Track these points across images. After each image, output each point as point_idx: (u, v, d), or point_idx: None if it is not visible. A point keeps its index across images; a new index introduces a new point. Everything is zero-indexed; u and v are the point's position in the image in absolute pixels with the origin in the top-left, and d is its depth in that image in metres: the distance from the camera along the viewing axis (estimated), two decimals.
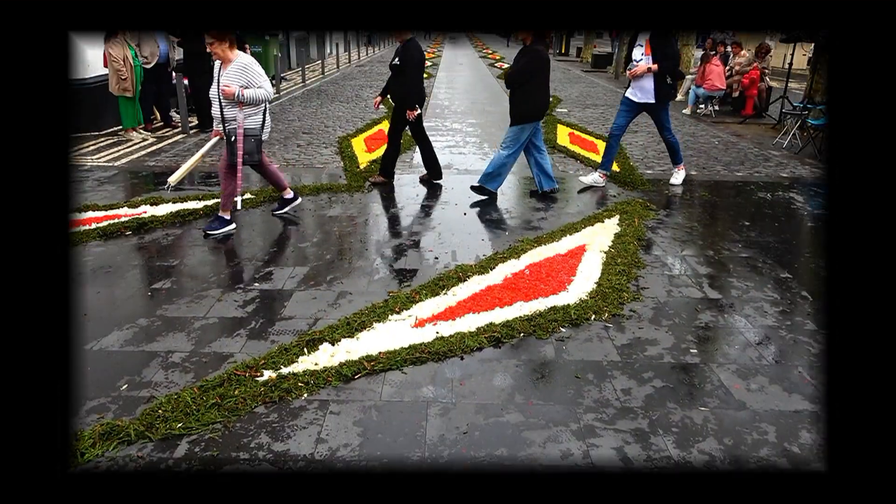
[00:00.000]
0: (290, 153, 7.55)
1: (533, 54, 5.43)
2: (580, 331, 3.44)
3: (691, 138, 9.09)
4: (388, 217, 5.25)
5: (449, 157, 7.51)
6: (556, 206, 5.66)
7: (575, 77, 18.70)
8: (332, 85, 14.95)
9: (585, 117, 10.85)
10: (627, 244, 4.61)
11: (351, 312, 3.55)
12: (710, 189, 6.40)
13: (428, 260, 4.36)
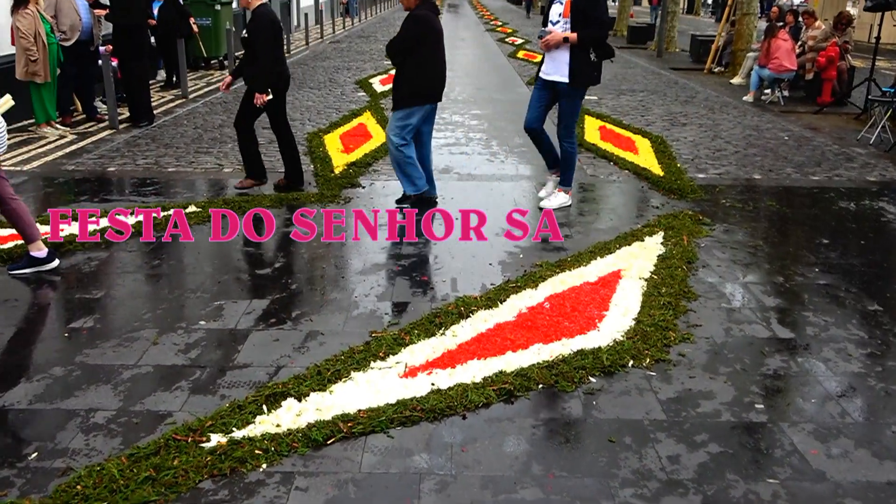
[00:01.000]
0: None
1: (414, 20, 5.47)
2: (615, 381, 3.46)
3: (754, 133, 9.19)
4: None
5: (447, 159, 7.58)
6: (584, 221, 5.71)
7: None
8: (300, 67, 15.13)
9: (620, 106, 10.98)
10: (674, 269, 4.65)
11: (323, 359, 3.57)
12: (779, 197, 6.46)
13: (421, 290, 4.39)
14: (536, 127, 5.85)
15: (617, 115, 10.13)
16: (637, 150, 7.98)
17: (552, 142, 6.03)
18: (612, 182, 6.85)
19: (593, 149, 7.97)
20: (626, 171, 7.16)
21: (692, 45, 18.24)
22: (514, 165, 7.39)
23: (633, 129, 9.08)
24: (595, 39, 5.42)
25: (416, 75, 5.53)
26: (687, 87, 13.26)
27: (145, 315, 4.03)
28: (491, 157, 7.71)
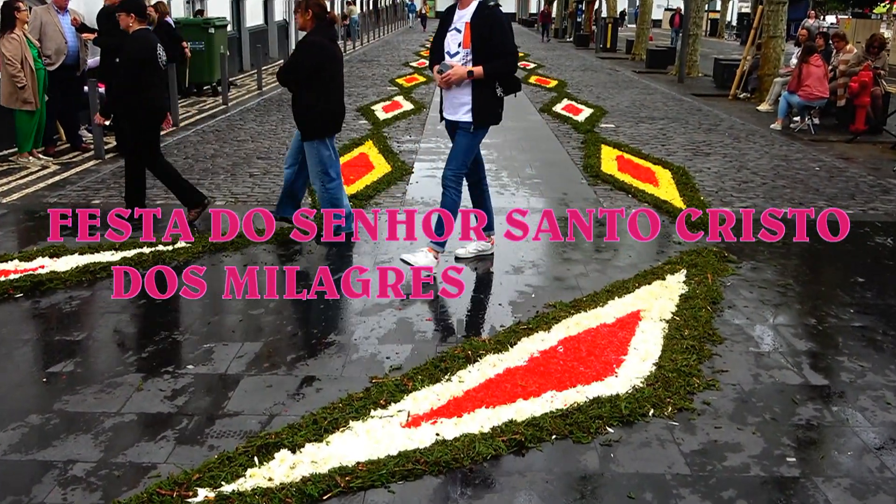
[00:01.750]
0: (239, 185, 7.71)
1: (308, 47, 5.56)
2: (634, 432, 3.45)
3: (783, 163, 9.25)
4: (372, 273, 5.32)
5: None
6: (600, 258, 5.74)
7: (624, 80, 19.16)
8: None
9: (639, 135, 11.08)
10: (698, 310, 4.65)
11: (319, 407, 3.58)
12: (811, 232, 6.49)
13: (425, 333, 4.40)
14: (473, 178, 5.48)
15: (636, 144, 10.22)
16: (657, 181, 8.03)
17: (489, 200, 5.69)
18: (630, 216, 6.88)
19: (610, 180, 8.03)
20: (646, 204, 7.21)
21: (716, 70, 18.45)
22: (526, 198, 7.45)
23: (652, 159, 9.15)
24: (502, 73, 4.99)
25: (311, 108, 5.62)
26: (710, 114, 13.39)
27: (129, 358, 4.06)
28: (501, 189, 7.78)
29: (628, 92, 16.54)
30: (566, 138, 10.72)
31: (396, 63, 22.79)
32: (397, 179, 7.98)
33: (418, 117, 12.45)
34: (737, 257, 5.75)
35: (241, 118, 11.97)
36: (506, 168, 8.75)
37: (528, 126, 11.92)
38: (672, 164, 8.86)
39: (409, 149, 9.78)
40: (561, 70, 21.63)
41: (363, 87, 16.57)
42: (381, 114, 12.52)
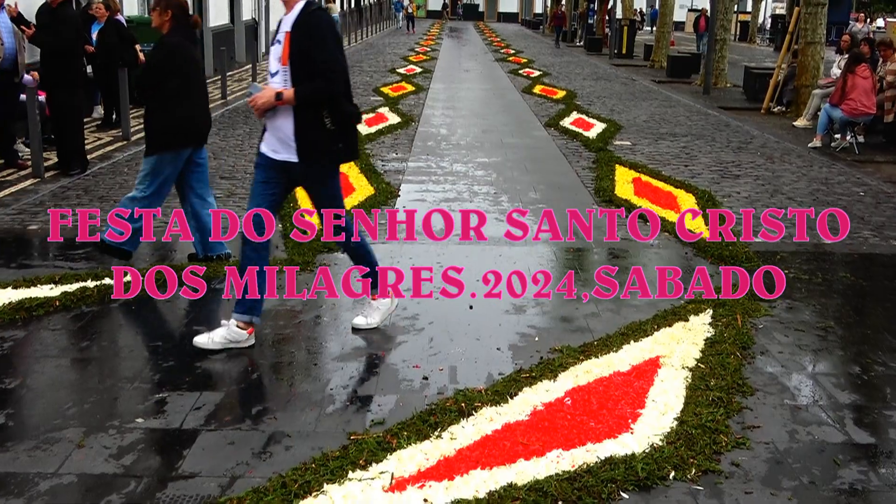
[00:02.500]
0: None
1: (167, 50, 5.68)
2: (652, 498, 3.45)
3: (823, 187, 9.36)
4: (351, 311, 5.34)
5: (447, 216, 7.70)
6: (614, 295, 5.78)
7: (642, 91, 19.39)
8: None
9: (658, 154, 11.20)
10: (726, 357, 4.69)
11: (289, 468, 3.58)
12: (854, 267, 6.55)
13: (412, 382, 4.42)
14: (259, 223, 4.69)
15: (655, 165, 10.33)
16: (679, 207, 8.11)
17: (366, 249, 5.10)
18: (648, 247, 6.94)
19: (625, 205, 8.11)
20: (666, 234, 7.27)
21: (746, 80, 18.69)
22: (530, 226, 7.50)
23: (674, 181, 9.25)
24: (321, 97, 4.41)
25: (164, 117, 5.71)
26: (740, 130, 13.54)
27: (69, 410, 4.05)
28: (500, 215, 7.83)
29: (646, 104, 16.73)
30: (575, 157, 10.82)
31: (381, 69, 23.01)
32: (381, 204, 8.03)
33: (406, 132, 12.56)
34: (770, 295, 5.80)
35: None
36: (506, 192, 8.82)
37: (533, 143, 12.03)
38: (696, 187, 8.95)
39: (395, 168, 9.86)
40: (570, 79, 21.88)
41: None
42: (364, 128, 12.61)
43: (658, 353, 4.71)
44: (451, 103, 16.40)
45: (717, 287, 5.88)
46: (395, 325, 5.14)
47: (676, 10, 32.97)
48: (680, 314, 5.32)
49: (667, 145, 11.88)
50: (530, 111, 15.37)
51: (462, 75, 22.81)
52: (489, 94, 18.24)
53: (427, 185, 9.01)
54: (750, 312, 5.42)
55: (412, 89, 18.18)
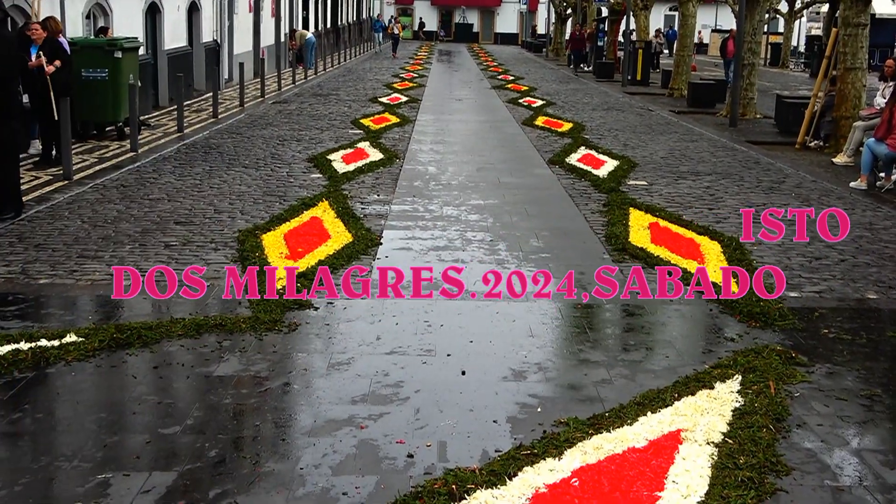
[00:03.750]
0: (150, 259, 7.77)
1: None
2: None
3: (867, 233, 9.45)
4: (325, 378, 5.35)
5: (436, 269, 7.75)
6: (628, 360, 5.81)
7: (660, 122, 19.60)
8: (232, 136, 15.60)
9: (679, 195, 11.30)
10: (757, 430, 4.70)
11: None
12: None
13: (395, 460, 4.42)
14: None
15: (675, 208, 10.42)
16: (703, 257, 8.19)
17: None
18: (667, 303, 6.99)
19: (641, 255, 8.17)
20: (688, 288, 7.32)
21: (778, 110, 18.94)
22: (532, 279, 7.55)
23: (696, 227, 9.32)
24: None
25: None
26: (772, 168, 13.69)
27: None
28: (497, 266, 7.89)
29: (665, 138, 16.91)
30: (584, 199, 10.92)
31: (361, 98, 23.24)
32: (361, 253, 8.08)
33: (389, 170, 12.67)
34: (807, 358, 5.83)
35: (154, 169, 12.12)
36: (504, 239, 8.89)
37: (534, 183, 12.13)
38: (722, 234, 9.02)
39: (376, 212, 9.93)
40: (577, 109, 22.13)
41: (317, 129, 16.86)
42: (341, 165, 12.72)
43: (679, 426, 4.73)
44: (442, 137, 16.55)
45: (747, 349, 5.92)
46: (375, 393, 5.16)
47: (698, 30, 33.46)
48: (704, 381, 5.34)
49: (688, 186, 12.00)
50: (532, 146, 15.52)
51: (454, 105, 23.05)
52: (485, 127, 18.43)
53: (413, 232, 9.08)
54: (784, 378, 5.45)
55: (397, 121, 18.36)
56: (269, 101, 21.81)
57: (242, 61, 22.56)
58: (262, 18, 29.07)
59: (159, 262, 7.65)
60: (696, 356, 5.88)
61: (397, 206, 10.29)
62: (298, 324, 6.27)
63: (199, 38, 22.84)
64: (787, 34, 46.85)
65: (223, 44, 24.80)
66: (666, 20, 62.25)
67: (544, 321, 6.51)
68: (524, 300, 6.97)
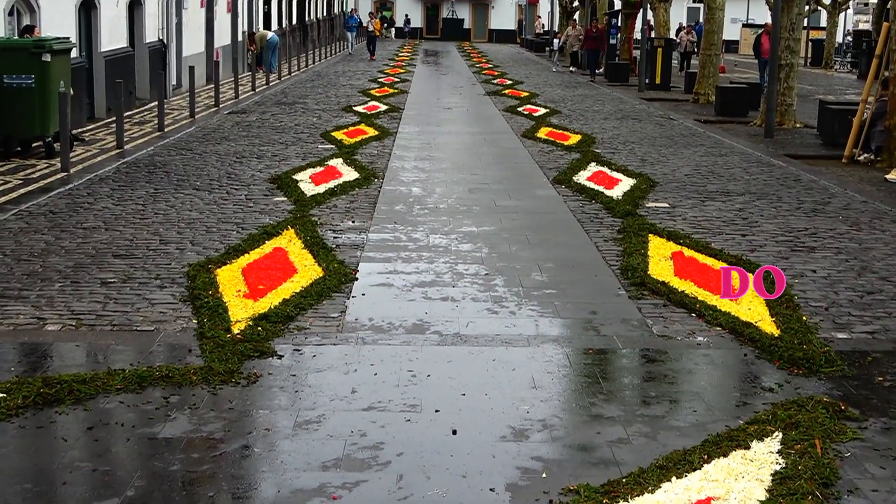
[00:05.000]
0: (84, 300, 7.75)
1: None
2: None
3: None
4: (291, 439, 5.33)
5: (422, 308, 7.76)
6: (648, 413, 5.80)
7: (683, 134, 19.68)
8: (180, 153, 15.62)
9: (707, 219, 11.33)
10: (801, 497, 4.68)
11: None
12: None
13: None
14: None
15: (702, 234, 10.45)
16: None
17: None
18: (694, 347, 7.00)
19: (663, 290, 8.19)
20: (719, 329, 7.34)
21: (821, 118, 19.02)
22: (533, 320, 7.56)
23: (727, 256, 9.34)
24: None
25: None
26: (814, 186, 13.75)
27: None
28: (494, 304, 7.90)
29: (689, 152, 16.97)
30: (594, 224, 10.96)
31: (333, 107, 23.33)
32: (333, 290, 8.07)
33: (366, 192, 12.69)
34: (859, 412, 5.82)
35: (90, 193, 12.10)
36: (502, 272, 8.89)
37: (537, 206, 12.16)
38: (758, 264, 9.03)
39: (351, 241, 9.94)
40: (586, 118, 22.25)
41: (281, 144, 16.89)
42: (309, 186, 12.72)
43: (710, 493, 4.71)
44: (428, 152, 16.59)
45: (789, 401, 5.92)
46: (350, 457, 5.14)
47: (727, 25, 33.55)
48: (738, 440, 5.33)
49: (717, 208, 12.04)
50: (533, 162, 15.56)
51: (441, 114, 23.12)
52: (478, 140, 18.49)
53: (395, 265, 9.08)
54: (833, 436, 5.44)
55: (374, 134, 18.42)
56: (225, 111, 21.86)
57: (193, 64, 22.56)
58: (217, 14, 29.19)
59: (95, 303, 7.64)
60: (728, 410, 5.87)
61: (376, 235, 10.30)
62: (259, 375, 6.24)
63: (142, 38, 22.89)
64: (831, 29, 47.15)
65: (170, 44, 24.89)
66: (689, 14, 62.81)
67: (549, 369, 6.51)
68: (526, 344, 6.98)
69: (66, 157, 13.65)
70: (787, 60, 20.54)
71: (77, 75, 17.09)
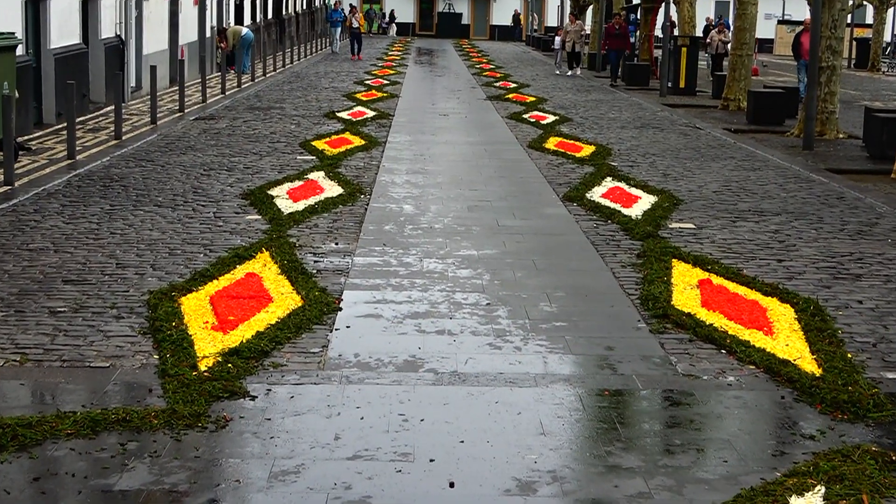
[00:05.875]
0: (30, 332, 7.73)
1: None
2: None
3: None
4: (265, 492, 5.31)
5: (415, 342, 7.76)
6: (672, 464, 5.79)
7: (711, 145, 19.71)
8: (140, 165, 15.63)
9: (738, 242, 11.34)
10: None
11: None
12: None
13: None
14: None
15: (732, 260, 10.46)
16: (771, 325, 8.21)
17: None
18: (724, 388, 7.00)
19: (688, 323, 8.19)
20: (752, 367, 7.33)
21: (867, 128, 19.04)
22: (541, 356, 7.56)
23: (762, 285, 9.35)
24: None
25: None
26: (860, 205, 13.77)
27: None
28: (496, 339, 7.89)
29: (718, 166, 17.00)
30: (610, 248, 10.98)
31: (314, 113, 23.37)
32: (313, 322, 8.06)
33: (351, 209, 12.70)
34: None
35: (36, 210, 12.10)
36: (506, 302, 8.90)
37: (545, 226, 12.18)
38: (796, 294, 9.05)
39: (333, 265, 9.95)
40: (601, 127, 22.30)
41: (254, 155, 16.91)
42: (286, 203, 12.73)
43: None
44: (421, 165, 16.62)
45: (832, 451, 5.91)
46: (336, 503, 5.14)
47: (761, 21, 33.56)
48: (775, 494, 5.32)
49: (749, 229, 12.05)
50: (540, 177, 15.59)
51: (437, 121, 23.17)
52: (478, 151, 18.53)
53: (384, 293, 9.08)
54: (882, 490, 5.43)
55: (361, 143, 18.47)
56: (191, 116, 21.90)
57: (155, 64, 22.56)
58: (182, 7, 29.25)
59: (42, 335, 7.63)
60: (763, 460, 5.87)
61: (362, 259, 10.31)
62: (229, 418, 6.22)
63: (97, 34, 22.92)
64: (878, 27, 47.19)
65: (129, 41, 24.91)
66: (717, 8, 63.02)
67: (560, 413, 6.50)
68: (532, 384, 6.97)
69: (9, 168, 13.63)
70: (828, 62, 20.54)
71: (23, 76, 17.10)
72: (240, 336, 7.61)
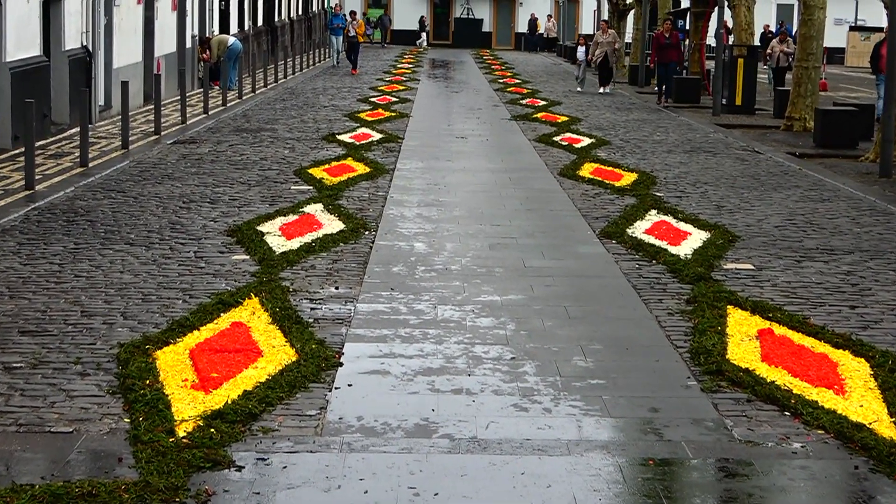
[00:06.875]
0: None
1: None
2: None
3: None
4: None
5: (429, 403, 7.75)
6: None
7: (773, 171, 19.70)
8: (109, 196, 15.71)
9: (803, 285, 11.32)
10: None
11: None
12: None
13: None
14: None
15: (797, 306, 10.45)
16: (842, 383, 8.19)
17: None
18: (789, 457, 6.98)
19: (746, 381, 8.17)
20: (821, 432, 7.31)
21: None
22: (574, 420, 7.55)
23: (831, 336, 9.32)
24: None
25: None
26: None
27: None
28: (523, 399, 7.89)
29: (780, 196, 16.99)
30: (655, 292, 10.98)
31: (311, 135, 23.47)
32: (309, 379, 8.07)
33: (353, 248, 12.73)
34: None
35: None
36: (534, 356, 8.89)
37: (580, 267, 12.19)
38: (872, 346, 9.02)
39: (332, 313, 9.97)
40: (644, 151, 22.34)
41: (241, 185, 16.97)
42: (278, 241, 12.76)
43: None
44: (435, 196, 16.66)
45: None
46: None
47: (830, 28, 33.44)
48: None
49: (818, 270, 12.04)
50: (574, 209, 15.61)
51: (453, 145, 23.22)
52: (502, 180, 18.57)
53: (391, 345, 9.09)
54: None
55: (365, 171, 18.54)
56: (168, 140, 22.02)
57: (127, 79, 22.68)
58: (158, 14, 29.36)
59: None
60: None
61: (366, 306, 10.33)
62: (212, 492, 6.21)
63: (60, 45, 22.97)
64: None
65: (97, 52, 24.97)
66: (779, 12, 62.96)
67: (596, 486, 6.48)
68: (565, 452, 6.96)
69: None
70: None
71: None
72: (224, 396, 7.61)
